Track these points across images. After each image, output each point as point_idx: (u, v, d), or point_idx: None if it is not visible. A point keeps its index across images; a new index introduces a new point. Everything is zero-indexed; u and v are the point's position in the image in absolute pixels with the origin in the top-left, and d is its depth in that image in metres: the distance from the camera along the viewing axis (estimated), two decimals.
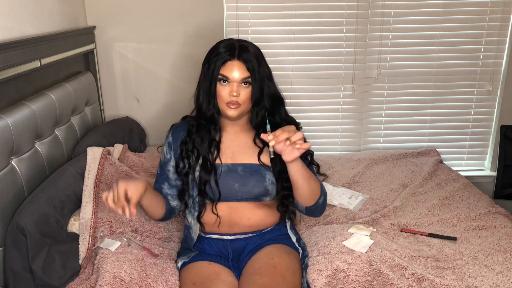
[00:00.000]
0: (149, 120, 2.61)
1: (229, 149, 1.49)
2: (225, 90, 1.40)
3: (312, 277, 1.42)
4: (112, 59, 2.51)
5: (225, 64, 1.39)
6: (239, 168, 1.47)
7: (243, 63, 1.39)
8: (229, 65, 1.39)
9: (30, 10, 1.84)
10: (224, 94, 1.40)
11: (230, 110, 1.41)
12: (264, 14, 2.49)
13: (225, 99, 1.40)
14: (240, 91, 1.39)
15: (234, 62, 1.39)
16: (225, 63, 1.39)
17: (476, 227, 1.74)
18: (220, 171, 1.46)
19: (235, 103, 1.40)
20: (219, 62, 1.39)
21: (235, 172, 1.47)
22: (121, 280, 1.33)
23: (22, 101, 1.63)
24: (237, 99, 1.39)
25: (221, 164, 1.47)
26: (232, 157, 1.49)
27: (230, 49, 1.40)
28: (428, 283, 1.39)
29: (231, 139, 1.50)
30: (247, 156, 1.49)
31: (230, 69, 1.38)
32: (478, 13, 2.53)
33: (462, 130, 2.75)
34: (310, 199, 1.43)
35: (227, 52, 1.39)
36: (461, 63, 2.61)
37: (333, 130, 2.73)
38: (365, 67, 2.61)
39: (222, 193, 1.44)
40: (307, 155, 1.53)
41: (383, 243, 1.58)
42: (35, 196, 1.50)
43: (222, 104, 1.42)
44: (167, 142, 1.51)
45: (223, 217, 1.47)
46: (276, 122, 1.48)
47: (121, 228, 1.59)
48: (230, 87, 1.39)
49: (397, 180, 2.20)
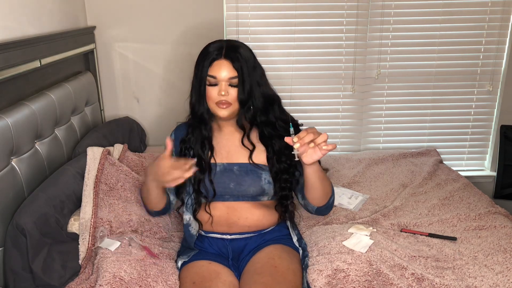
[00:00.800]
0: (149, 120, 2.61)
1: (224, 149, 1.50)
2: (214, 90, 1.40)
3: (312, 277, 1.41)
4: (112, 59, 2.51)
5: (213, 63, 1.39)
6: (235, 168, 1.48)
7: (230, 62, 1.39)
8: (217, 65, 1.39)
9: (30, 10, 1.84)
10: (213, 94, 1.40)
11: (221, 110, 1.41)
12: (264, 14, 2.49)
13: (215, 99, 1.41)
14: (228, 90, 1.39)
15: (221, 61, 1.39)
16: (213, 62, 1.39)
17: (476, 227, 1.74)
18: (215, 171, 1.46)
19: (225, 102, 1.40)
20: (207, 62, 1.40)
21: (231, 171, 1.47)
22: (121, 279, 1.33)
23: (22, 101, 1.63)
24: (226, 98, 1.39)
25: (216, 164, 1.48)
26: (228, 156, 1.49)
27: (218, 49, 1.40)
28: (428, 283, 1.39)
29: (227, 139, 1.51)
30: (243, 156, 1.49)
31: (217, 68, 1.39)
32: (478, 13, 2.53)
33: (462, 130, 2.75)
34: (323, 199, 1.43)
35: (215, 51, 1.40)
36: (461, 63, 2.61)
37: (333, 130, 2.73)
38: (365, 67, 2.61)
39: (217, 192, 1.45)
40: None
41: (383, 243, 1.58)
42: (35, 196, 1.50)
43: (212, 104, 1.42)
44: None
45: (220, 217, 1.48)
46: (270, 121, 1.47)
47: (121, 228, 1.59)
48: (219, 86, 1.39)
49: (397, 180, 2.20)
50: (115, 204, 1.65)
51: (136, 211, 1.66)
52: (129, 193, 1.73)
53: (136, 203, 1.71)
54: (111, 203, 1.65)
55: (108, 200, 1.65)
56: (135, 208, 1.68)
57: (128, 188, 1.74)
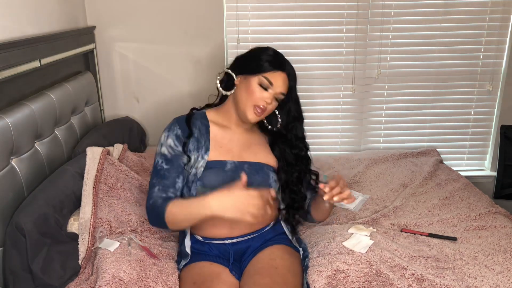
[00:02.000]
0: (149, 120, 2.61)
1: (234, 146, 1.50)
2: (261, 92, 1.42)
3: (312, 278, 1.41)
4: (112, 59, 2.51)
5: (276, 71, 1.42)
6: (245, 166, 1.48)
7: (287, 79, 1.44)
8: (279, 75, 1.43)
9: (30, 10, 1.84)
10: (258, 97, 1.42)
11: (253, 114, 1.44)
12: (264, 14, 2.49)
13: (256, 100, 1.42)
14: (272, 101, 1.44)
15: (283, 74, 1.43)
16: (275, 70, 1.42)
17: (476, 227, 1.74)
18: (226, 168, 1.47)
19: (263, 109, 1.43)
20: (270, 64, 1.42)
21: (242, 169, 1.47)
22: (121, 280, 1.32)
23: (22, 101, 1.63)
24: (267, 106, 1.42)
25: (227, 161, 1.48)
26: (239, 155, 1.49)
27: (280, 60, 1.45)
28: (428, 284, 1.39)
29: (238, 138, 1.51)
30: (253, 155, 1.51)
31: (278, 78, 1.42)
32: (478, 13, 2.53)
33: (462, 130, 2.74)
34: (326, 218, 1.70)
35: (277, 60, 1.44)
36: (461, 63, 2.61)
37: (333, 130, 2.73)
38: (365, 67, 2.60)
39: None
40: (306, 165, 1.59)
41: (383, 243, 1.57)
42: (35, 196, 1.50)
43: (250, 103, 1.43)
44: (174, 135, 1.47)
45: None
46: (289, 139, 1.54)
47: (121, 228, 1.59)
48: (268, 93, 1.43)
49: (397, 180, 2.20)
50: (115, 204, 1.65)
51: (136, 211, 1.66)
52: (128, 193, 1.72)
53: (136, 203, 1.71)
54: (111, 203, 1.65)
55: (107, 200, 1.65)
56: (134, 208, 1.67)
57: (127, 188, 1.74)
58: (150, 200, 1.43)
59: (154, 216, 1.42)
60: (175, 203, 1.38)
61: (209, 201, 1.28)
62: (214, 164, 1.46)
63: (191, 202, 1.35)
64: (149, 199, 1.43)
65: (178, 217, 1.36)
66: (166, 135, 1.49)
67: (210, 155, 1.47)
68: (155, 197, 1.42)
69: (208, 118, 1.55)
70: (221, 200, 1.26)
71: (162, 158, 1.46)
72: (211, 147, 1.48)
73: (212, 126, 1.53)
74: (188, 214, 1.34)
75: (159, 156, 1.47)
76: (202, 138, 1.49)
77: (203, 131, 1.50)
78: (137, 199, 1.72)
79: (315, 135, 2.71)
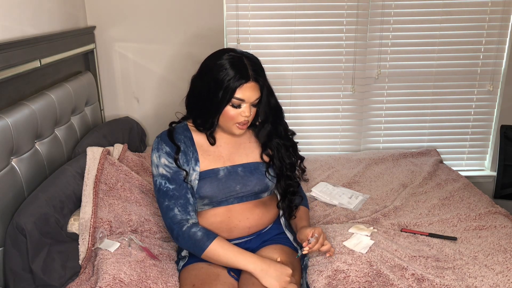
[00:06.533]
0: (149, 120, 2.61)
1: (225, 152, 1.49)
2: (237, 112, 1.38)
3: (312, 277, 1.41)
4: (112, 59, 2.51)
5: (242, 86, 1.35)
6: (239, 169, 1.47)
7: (257, 84, 1.38)
8: (246, 88, 1.36)
9: (30, 10, 1.83)
10: (235, 115, 1.38)
11: (238, 130, 1.42)
12: (264, 14, 2.49)
13: (237, 119, 1.39)
14: (250, 109, 1.40)
15: (251, 85, 1.36)
16: (240, 85, 1.35)
17: (476, 227, 1.74)
18: (219, 175, 1.46)
19: (246, 122, 1.41)
20: (234, 83, 1.34)
21: (236, 173, 1.47)
22: (121, 281, 1.32)
23: (22, 101, 1.63)
24: (248, 118, 1.40)
25: (220, 168, 1.47)
26: (230, 158, 1.49)
27: (243, 69, 1.35)
28: (428, 284, 1.39)
29: (225, 142, 1.50)
30: (244, 156, 1.50)
31: (247, 91, 1.36)
32: (478, 13, 2.53)
33: (462, 130, 2.74)
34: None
35: (240, 73, 1.34)
36: (461, 63, 2.61)
37: (333, 130, 2.73)
38: (365, 67, 2.60)
39: (223, 196, 1.45)
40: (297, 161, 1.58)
41: (383, 243, 1.58)
42: (35, 196, 1.50)
43: (231, 124, 1.40)
44: (165, 153, 1.42)
45: (222, 222, 1.47)
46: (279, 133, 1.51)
47: (121, 228, 1.59)
48: (244, 108, 1.38)
49: (397, 180, 2.20)
50: (115, 204, 1.65)
51: (136, 211, 1.66)
52: (129, 193, 1.72)
53: (136, 203, 1.71)
54: (111, 203, 1.65)
55: (108, 200, 1.65)
56: (134, 208, 1.67)
57: (128, 188, 1.74)
58: (178, 224, 1.39)
59: (191, 245, 1.39)
60: (221, 244, 1.37)
61: (259, 263, 1.34)
62: (206, 173, 1.44)
63: (240, 253, 1.36)
64: (174, 223, 1.39)
65: (220, 258, 1.37)
66: (158, 155, 1.43)
67: (201, 165, 1.45)
68: (182, 222, 1.39)
69: (190, 129, 1.50)
70: (269, 266, 1.34)
71: (164, 179, 1.42)
72: (200, 157, 1.45)
73: (196, 136, 1.48)
74: (232, 261, 1.36)
75: (160, 178, 1.42)
76: (189, 151, 1.45)
77: (188, 144, 1.46)
78: (137, 199, 1.72)
79: (315, 135, 2.71)
